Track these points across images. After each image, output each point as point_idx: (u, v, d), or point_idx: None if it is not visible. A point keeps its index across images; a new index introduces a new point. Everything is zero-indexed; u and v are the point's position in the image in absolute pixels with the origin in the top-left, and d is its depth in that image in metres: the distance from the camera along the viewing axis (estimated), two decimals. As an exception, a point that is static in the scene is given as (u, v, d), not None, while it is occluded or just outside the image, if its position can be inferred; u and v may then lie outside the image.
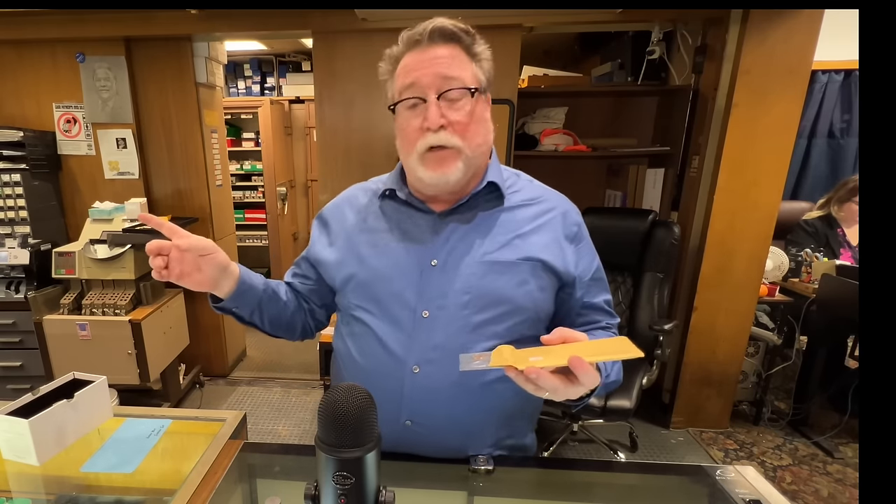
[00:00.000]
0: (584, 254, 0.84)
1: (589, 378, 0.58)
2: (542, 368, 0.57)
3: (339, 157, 2.39)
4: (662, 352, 1.94)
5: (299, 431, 2.40)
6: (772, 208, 2.13)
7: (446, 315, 0.76)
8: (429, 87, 0.70)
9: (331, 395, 0.51)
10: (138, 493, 0.83)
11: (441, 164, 0.73)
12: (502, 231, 0.79)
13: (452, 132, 0.71)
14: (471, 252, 0.77)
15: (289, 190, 4.22)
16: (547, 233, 0.80)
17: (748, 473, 0.80)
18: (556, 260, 0.78)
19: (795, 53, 1.96)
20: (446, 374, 0.76)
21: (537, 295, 0.78)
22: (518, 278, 0.76)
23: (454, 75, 0.71)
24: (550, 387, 0.58)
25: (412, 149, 0.73)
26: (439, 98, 0.71)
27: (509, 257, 0.77)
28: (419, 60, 0.71)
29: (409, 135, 0.74)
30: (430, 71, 0.70)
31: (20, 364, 2.34)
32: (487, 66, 0.76)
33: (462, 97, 0.72)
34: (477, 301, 0.76)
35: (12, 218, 2.30)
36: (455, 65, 0.71)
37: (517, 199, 0.82)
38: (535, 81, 2.54)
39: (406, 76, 0.72)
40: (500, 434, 0.85)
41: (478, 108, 0.74)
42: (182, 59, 2.43)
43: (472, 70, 0.73)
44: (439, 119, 0.70)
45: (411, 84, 0.71)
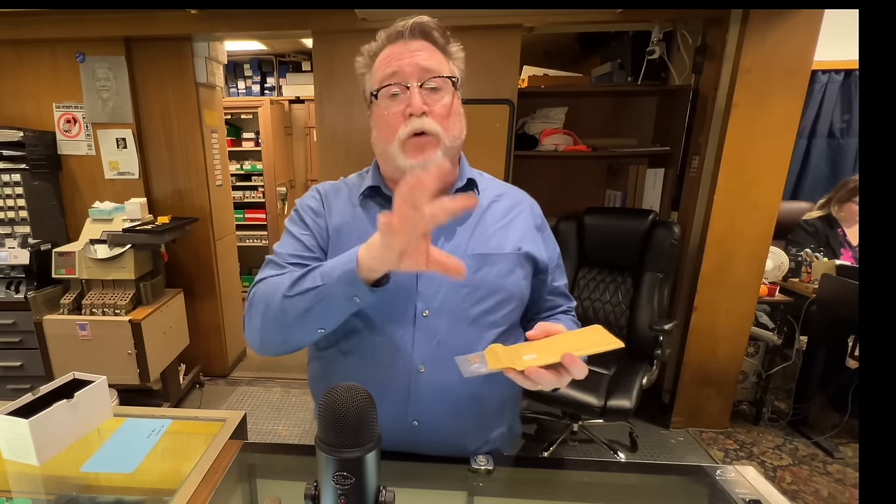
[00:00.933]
0: (549, 241, 0.90)
1: (580, 372, 0.60)
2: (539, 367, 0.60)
3: (339, 157, 2.39)
4: (662, 352, 1.94)
5: (299, 431, 2.40)
6: (772, 208, 2.13)
7: (446, 311, 0.77)
8: (410, 75, 0.73)
9: (331, 395, 0.51)
10: (138, 493, 0.83)
11: (421, 151, 0.74)
12: (485, 224, 0.82)
13: (434, 120, 0.73)
14: (461, 247, 0.79)
15: (289, 190, 4.22)
16: (521, 224, 0.85)
17: (748, 473, 0.80)
18: (535, 249, 0.84)
19: (795, 53, 1.96)
20: (452, 370, 0.76)
21: (522, 283, 0.83)
22: (507, 268, 0.80)
23: (433, 67, 0.73)
24: (547, 383, 0.61)
25: (393, 136, 0.74)
26: (421, 87, 0.73)
27: (498, 249, 0.81)
28: (399, 52, 0.74)
29: (389, 121, 0.74)
30: (411, 61, 0.73)
31: (20, 364, 2.34)
32: (461, 66, 0.79)
33: (443, 86, 0.74)
34: (474, 293, 0.78)
35: (12, 218, 2.30)
36: (433, 58, 0.74)
37: (488, 195, 0.86)
38: (535, 81, 2.54)
39: (387, 66, 0.74)
40: (498, 423, 0.88)
41: (455, 103, 0.76)
42: (182, 59, 2.43)
43: (449, 66, 0.76)
44: (422, 105, 0.72)
45: (393, 73, 0.73)
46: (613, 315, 2.21)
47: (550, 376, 0.61)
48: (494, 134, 2.24)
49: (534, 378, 0.60)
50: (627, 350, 2.12)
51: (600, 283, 2.29)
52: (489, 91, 2.18)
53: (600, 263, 2.32)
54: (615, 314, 2.21)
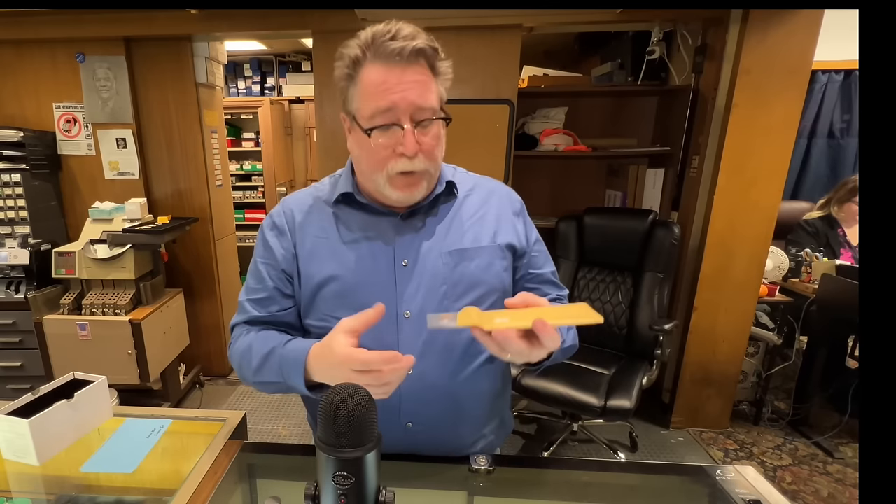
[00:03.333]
0: (529, 225, 0.90)
1: (551, 341, 0.60)
2: (508, 330, 0.59)
3: (339, 157, 2.39)
4: (662, 352, 1.94)
5: (299, 431, 2.40)
6: (772, 208, 2.13)
7: (427, 310, 0.77)
8: (404, 113, 0.69)
9: (331, 395, 0.51)
10: (138, 493, 0.83)
11: (409, 187, 0.74)
12: (461, 219, 0.83)
13: (423, 157, 0.72)
14: (438, 245, 0.80)
15: (289, 190, 4.22)
16: (498, 213, 0.85)
17: (748, 473, 0.80)
18: (512, 238, 0.84)
19: (795, 53, 1.96)
20: (439, 369, 0.78)
21: (503, 275, 0.83)
22: (486, 261, 0.81)
23: (427, 105, 0.70)
24: (515, 350, 0.60)
25: (382, 169, 0.73)
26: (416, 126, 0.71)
27: (475, 243, 0.81)
28: (394, 82, 0.69)
29: (379, 153, 0.72)
30: (407, 97, 0.69)
31: (20, 364, 2.34)
32: (448, 83, 0.77)
33: (433, 123, 0.73)
34: (453, 290, 0.78)
35: (12, 218, 2.30)
36: (427, 91, 0.70)
37: (462, 189, 0.86)
38: (535, 81, 2.54)
39: (381, 97, 0.69)
40: (490, 417, 0.89)
41: (441, 129, 0.75)
42: (182, 59, 2.43)
43: (438, 91, 0.73)
44: (416, 147, 0.71)
45: (387, 109, 0.69)
46: (613, 315, 2.21)
47: (521, 343, 0.60)
48: (494, 134, 2.24)
49: (501, 342, 0.59)
50: (627, 350, 2.13)
51: (600, 283, 2.29)
52: (489, 91, 2.19)
53: (600, 263, 2.32)
54: (615, 314, 2.21)
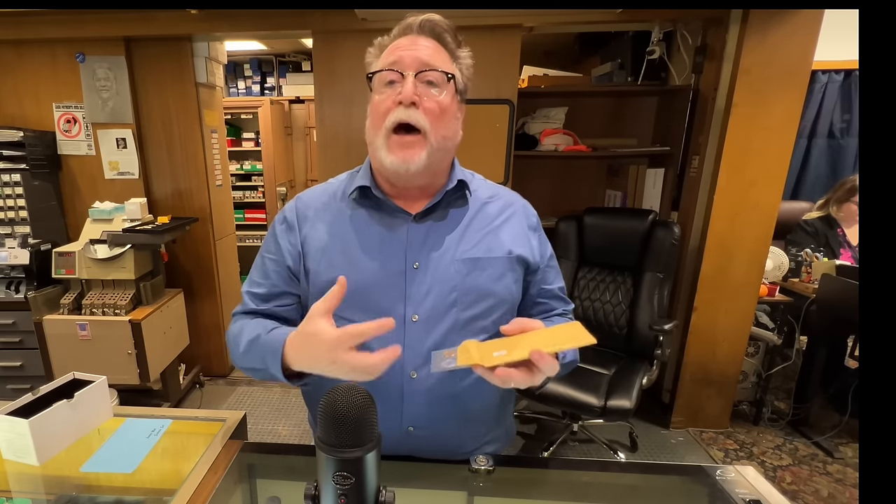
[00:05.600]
0: (543, 241, 0.89)
1: (549, 368, 0.60)
2: (507, 365, 0.60)
3: (339, 157, 2.39)
4: (662, 352, 1.94)
5: (299, 431, 2.40)
6: (772, 208, 2.13)
7: (435, 316, 0.76)
8: (409, 65, 0.72)
9: (331, 395, 0.51)
10: (138, 493, 0.83)
11: (403, 150, 0.73)
12: (475, 228, 0.81)
13: (423, 115, 0.72)
14: (450, 251, 0.78)
15: (289, 190, 4.22)
16: (514, 226, 0.84)
17: (748, 473, 0.80)
18: (526, 252, 0.83)
19: (795, 53, 1.96)
20: (443, 373, 0.76)
21: (513, 287, 0.82)
22: (497, 272, 0.79)
23: (434, 62, 0.73)
24: (517, 382, 0.61)
25: (381, 124, 0.73)
26: (417, 76, 0.72)
27: (488, 253, 0.79)
28: (405, 44, 0.74)
29: (379, 108, 0.74)
30: (413, 53, 0.72)
31: (20, 364, 2.34)
32: (467, 71, 0.78)
33: (440, 83, 0.73)
34: (463, 298, 0.77)
35: (12, 218, 2.30)
36: (437, 55, 0.74)
37: (480, 196, 0.85)
38: (535, 81, 2.54)
39: (389, 55, 0.74)
40: (493, 426, 0.88)
41: (452, 104, 0.75)
42: (182, 59, 2.43)
43: (452, 66, 0.76)
44: (413, 94, 0.71)
45: (393, 61, 0.73)
46: (613, 315, 2.21)
47: (521, 375, 0.61)
48: (494, 134, 2.24)
49: (503, 377, 0.60)
50: (627, 350, 2.13)
51: (600, 283, 2.29)
52: (489, 91, 2.18)
53: (600, 263, 2.32)
54: (615, 314, 2.21)
